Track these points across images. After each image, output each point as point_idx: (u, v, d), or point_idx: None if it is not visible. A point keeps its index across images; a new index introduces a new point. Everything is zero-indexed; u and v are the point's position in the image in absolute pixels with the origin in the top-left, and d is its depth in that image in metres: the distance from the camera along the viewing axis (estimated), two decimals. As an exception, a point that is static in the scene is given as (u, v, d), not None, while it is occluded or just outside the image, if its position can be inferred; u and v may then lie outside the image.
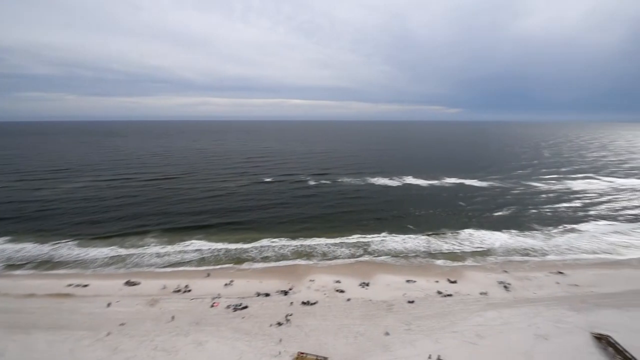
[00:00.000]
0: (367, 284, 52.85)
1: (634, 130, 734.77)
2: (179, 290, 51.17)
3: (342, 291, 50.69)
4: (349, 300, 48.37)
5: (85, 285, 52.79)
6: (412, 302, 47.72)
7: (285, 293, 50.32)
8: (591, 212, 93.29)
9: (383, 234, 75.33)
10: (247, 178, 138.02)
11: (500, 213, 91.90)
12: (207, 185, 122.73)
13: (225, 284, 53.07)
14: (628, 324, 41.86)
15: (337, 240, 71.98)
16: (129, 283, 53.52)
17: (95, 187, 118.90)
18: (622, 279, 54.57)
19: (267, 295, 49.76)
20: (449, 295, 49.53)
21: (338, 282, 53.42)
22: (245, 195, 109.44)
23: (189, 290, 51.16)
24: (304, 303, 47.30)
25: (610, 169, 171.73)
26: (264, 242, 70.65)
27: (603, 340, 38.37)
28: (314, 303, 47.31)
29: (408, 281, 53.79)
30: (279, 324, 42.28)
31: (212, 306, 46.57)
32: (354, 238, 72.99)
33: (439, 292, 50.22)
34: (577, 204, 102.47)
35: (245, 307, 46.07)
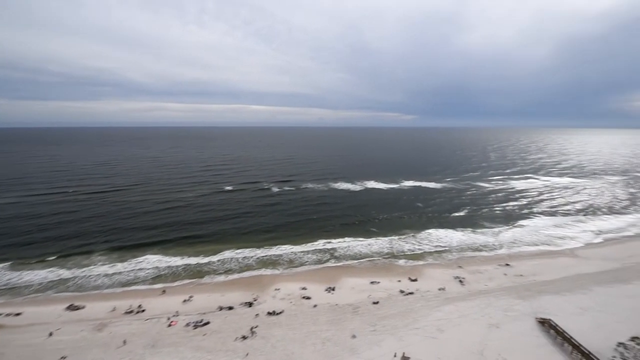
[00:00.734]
0: (333, 289, 53.00)
1: (562, 134, 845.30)
2: (131, 311, 47.01)
3: (308, 298, 50.24)
4: (315, 306, 48.04)
5: (18, 314, 46.35)
6: (376, 303, 48.71)
7: (250, 304, 48.61)
8: (532, 209, 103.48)
9: (348, 238, 76.29)
10: (207, 187, 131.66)
11: (455, 213, 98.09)
12: (162, 197, 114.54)
13: (184, 300, 49.87)
14: (565, 307, 46.68)
15: (303, 247, 71.50)
16: (71, 307, 48.01)
17: (27, 203, 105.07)
18: (559, 267, 61.01)
19: (230, 308, 47.63)
20: (411, 293, 51.44)
21: (304, 289, 52.91)
22: (204, 205, 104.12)
23: (143, 311, 47.22)
24: (269, 313, 46.04)
25: (547, 169, 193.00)
26: (227, 253, 67.79)
27: (546, 324, 42.24)
28: (280, 312, 46.28)
29: (372, 282, 54.95)
30: (244, 337, 40.60)
31: (169, 325, 43.35)
32: (320, 244, 73.02)
33: (402, 291, 51.94)
34: (520, 202, 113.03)
35: (207, 323, 43.59)
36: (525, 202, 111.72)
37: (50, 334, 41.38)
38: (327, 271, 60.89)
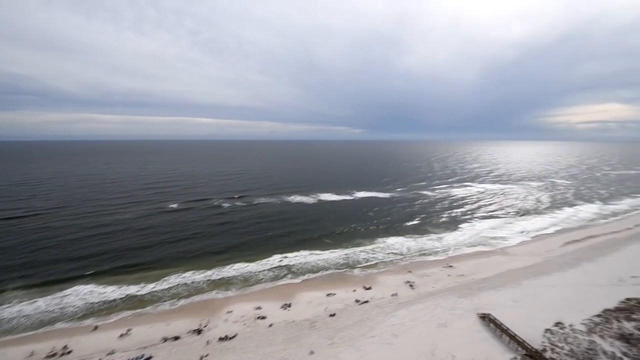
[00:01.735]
0: (289, 305, 51.66)
1: (491, 146, 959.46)
2: (53, 354, 40.37)
3: (263, 317, 48.18)
4: (271, 325, 46.23)
5: None
6: (333, 315, 48.57)
7: (199, 332, 45.02)
8: (471, 214, 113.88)
9: (304, 252, 75.58)
10: (148, 207, 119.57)
11: (405, 221, 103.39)
12: (94, 220, 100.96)
13: (121, 335, 44.33)
14: (501, 301, 51.40)
15: (257, 264, 68.83)
16: (-29, 360, 39.71)
17: None
18: (493, 265, 67.43)
19: (176, 338, 43.56)
20: (366, 301, 52.36)
21: (259, 308, 50.69)
22: (146, 228, 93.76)
23: (69, 352, 40.88)
24: (221, 339, 43.10)
25: (481, 178, 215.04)
26: (173, 278, 62.16)
27: (486, 319, 45.98)
28: (233, 337, 43.59)
29: (328, 295, 54.81)
30: (192, 368, 37.29)
31: (102, 366, 38.09)
32: (275, 260, 71.02)
33: (357, 301, 52.61)
34: (461, 208, 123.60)
35: (149, 358, 39.20)
36: (465, 208, 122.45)
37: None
38: (283, 287, 59.32)
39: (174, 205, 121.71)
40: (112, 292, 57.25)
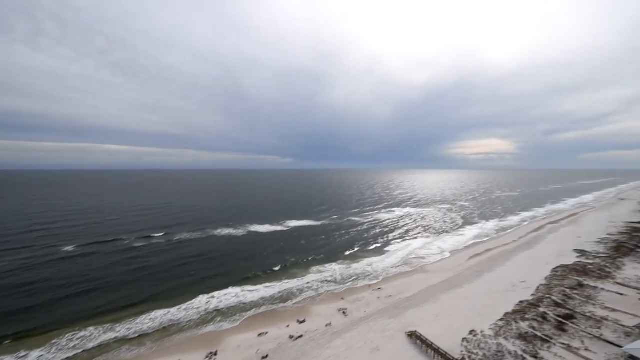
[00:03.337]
0: (215, 353, 46.42)
1: (408, 174, 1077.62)
2: None
3: (184, 373, 42.14)
4: (193, 381, 40.56)
5: None
6: (266, 357, 45.24)
7: (98, 405, 36.74)
8: (399, 237, 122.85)
9: (233, 290, 70.00)
10: (31, 253, 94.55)
11: (339, 248, 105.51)
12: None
13: None
14: (424, 317, 55.03)
15: (179, 311, 60.59)
16: None
17: None
18: (416, 283, 72.90)
19: (64, 420, 34.60)
20: (300, 336, 50.37)
21: (179, 363, 44.32)
22: (27, 283, 72.39)
23: None
24: (128, 409, 35.84)
25: (405, 203, 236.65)
26: (65, 341, 50.27)
27: (413, 336, 48.35)
28: (145, 403, 36.70)
29: (260, 335, 51.20)
30: None
31: None
32: (202, 303, 63.82)
33: (291, 337, 50.28)
34: (390, 231, 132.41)
35: None
36: (394, 232, 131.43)
37: None
38: (209, 333, 53.31)
39: (70, 249, 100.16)
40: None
